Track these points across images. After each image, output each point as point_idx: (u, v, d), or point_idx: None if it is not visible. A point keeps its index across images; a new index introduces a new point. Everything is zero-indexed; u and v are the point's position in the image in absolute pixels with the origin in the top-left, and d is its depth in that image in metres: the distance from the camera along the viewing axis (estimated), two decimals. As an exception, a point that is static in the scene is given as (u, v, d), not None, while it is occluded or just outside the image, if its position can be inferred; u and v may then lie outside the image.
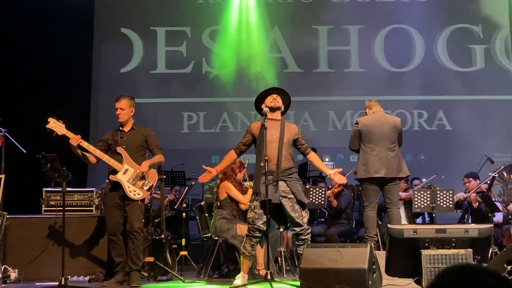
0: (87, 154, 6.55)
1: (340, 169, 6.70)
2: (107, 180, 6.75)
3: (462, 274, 1.49)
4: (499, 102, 12.64)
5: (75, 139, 6.41)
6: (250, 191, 7.23)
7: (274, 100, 6.28)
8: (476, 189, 8.77)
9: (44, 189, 7.51)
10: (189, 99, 12.70)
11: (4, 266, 6.85)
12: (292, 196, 6.12)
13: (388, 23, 12.78)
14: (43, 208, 7.48)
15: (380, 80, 12.63)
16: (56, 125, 6.44)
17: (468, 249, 5.65)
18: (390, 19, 12.78)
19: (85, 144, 6.49)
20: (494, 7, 12.69)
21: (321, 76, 12.71)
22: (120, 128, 6.75)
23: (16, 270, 6.93)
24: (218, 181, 7.80)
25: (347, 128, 11.81)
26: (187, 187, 9.59)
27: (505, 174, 9.57)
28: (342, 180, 6.71)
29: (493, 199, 8.79)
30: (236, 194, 7.49)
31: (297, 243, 6.31)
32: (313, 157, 6.59)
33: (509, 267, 5.45)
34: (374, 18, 12.84)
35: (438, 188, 8.57)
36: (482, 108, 12.57)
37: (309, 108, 12.07)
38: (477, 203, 8.70)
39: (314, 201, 8.43)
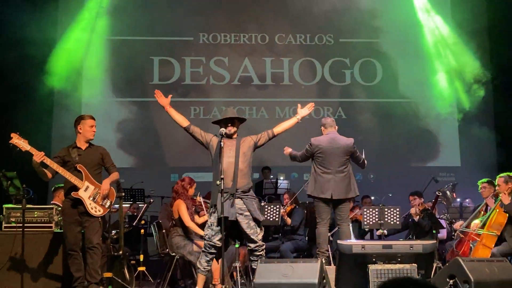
0: (45, 170, 6.48)
1: (299, 105, 6.73)
2: (65, 197, 6.67)
3: (402, 286, 1.50)
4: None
5: (39, 156, 6.34)
6: (205, 218, 7.30)
7: (229, 127, 6.31)
8: (418, 204, 8.94)
9: (5, 206, 7.39)
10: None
11: (-35, 281, 6.74)
12: (248, 213, 6.15)
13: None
14: (3, 225, 7.35)
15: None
16: (19, 141, 6.37)
17: (413, 264, 5.75)
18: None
19: (48, 161, 6.40)
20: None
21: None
22: (77, 145, 6.70)
23: (-24, 285, 6.82)
24: (172, 200, 7.79)
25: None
26: (145, 204, 9.53)
27: (448, 193, 9.75)
28: (309, 107, 6.67)
29: (438, 217, 8.96)
30: (184, 215, 7.46)
31: (251, 258, 6.34)
32: (279, 128, 6.56)
33: (451, 281, 5.56)
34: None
35: (385, 206, 8.71)
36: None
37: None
38: (417, 216, 8.88)
39: (268, 218, 8.46)
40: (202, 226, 7.36)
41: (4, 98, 10.75)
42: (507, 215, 7.27)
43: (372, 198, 10.14)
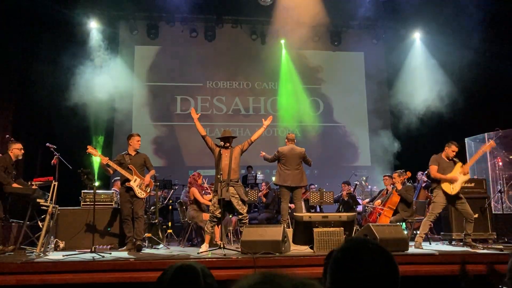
0: (108, 169, 6.50)
1: (263, 119, 6.68)
2: (121, 186, 6.69)
3: (360, 242, 1.49)
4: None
5: (105, 160, 6.36)
6: (209, 196, 7.31)
7: (226, 143, 6.34)
8: (347, 190, 9.01)
9: (82, 191, 7.37)
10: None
11: (56, 239, 6.69)
12: (237, 196, 6.17)
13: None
14: (82, 203, 7.34)
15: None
16: (92, 151, 6.37)
17: (341, 228, 5.79)
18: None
19: (111, 163, 6.45)
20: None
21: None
22: (129, 152, 6.72)
23: (64, 242, 6.78)
24: (188, 186, 7.80)
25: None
26: (172, 190, 9.51)
27: (363, 182, 9.86)
28: (269, 119, 6.62)
29: (357, 197, 9.04)
30: (198, 197, 7.48)
31: (239, 224, 6.36)
32: (255, 136, 6.52)
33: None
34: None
35: (324, 190, 8.77)
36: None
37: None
38: (346, 197, 8.96)
39: (250, 198, 8.48)
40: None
41: (83, 124, 10.68)
42: (400, 196, 7.37)
43: (316, 185, 10.19)
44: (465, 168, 6.41)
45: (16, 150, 6.52)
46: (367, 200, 8.69)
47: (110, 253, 5.85)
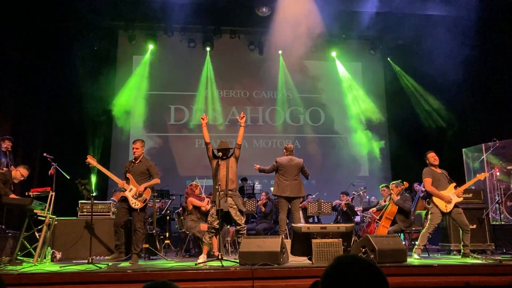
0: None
1: (238, 117, 6.63)
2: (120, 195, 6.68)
3: (349, 258, 1.51)
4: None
5: (102, 169, 6.37)
6: (207, 200, 7.34)
7: (224, 154, 6.34)
8: (345, 200, 9.01)
9: (80, 201, 7.36)
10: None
11: (53, 250, 6.67)
12: (235, 206, 6.16)
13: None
14: (79, 213, 7.32)
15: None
16: (91, 160, 6.37)
17: (340, 239, 5.75)
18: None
19: (109, 173, 6.45)
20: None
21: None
22: (134, 160, 6.68)
23: (61, 253, 6.76)
24: (185, 196, 7.79)
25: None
26: (170, 200, 9.50)
27: (361, 192, 9.86)
28: (243, 117, 6.54)
29: (355, 207, 9.04)
30: (197, 203, 7.52)
31: (237, 235, 6.33)
32: (238, 138, 6.45)
33: (363, 249, 5.61)
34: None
35: (322, 201, 8.77)
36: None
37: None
38: (345, 208, 8.96)
39: (248, 208, 8.48)
40: (205, 213, 7.42)
41: (81, 134, 10.67)
42: (397, 207, 7.39)
43: (313, 196, 10.18)
44: (458, 190, 6.51)
45: (19, 173, 6.56)
46: (361, 208, 8.74)
47: (107, 264, 5.82)
